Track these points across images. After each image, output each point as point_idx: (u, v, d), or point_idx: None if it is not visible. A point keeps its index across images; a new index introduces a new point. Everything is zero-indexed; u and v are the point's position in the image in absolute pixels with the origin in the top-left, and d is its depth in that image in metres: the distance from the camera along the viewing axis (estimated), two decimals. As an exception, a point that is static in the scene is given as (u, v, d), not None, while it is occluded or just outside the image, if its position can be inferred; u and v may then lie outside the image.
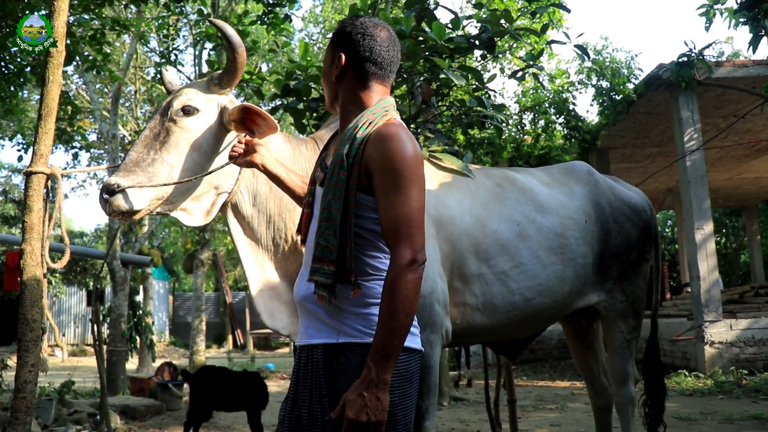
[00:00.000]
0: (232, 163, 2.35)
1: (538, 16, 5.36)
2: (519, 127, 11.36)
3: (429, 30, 3.57)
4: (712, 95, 10.11)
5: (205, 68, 12.10)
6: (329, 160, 1.91)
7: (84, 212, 65.95)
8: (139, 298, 12.37)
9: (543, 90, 11.03)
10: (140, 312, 10.34)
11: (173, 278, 27.68)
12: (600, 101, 10.66)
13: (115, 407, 6.87)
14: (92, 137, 15.92)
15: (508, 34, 3.78)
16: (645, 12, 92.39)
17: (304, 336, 1.89)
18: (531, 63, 4.27)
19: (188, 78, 14.39)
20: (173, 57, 10.76)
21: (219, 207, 2.51)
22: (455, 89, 4.29)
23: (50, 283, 17.56)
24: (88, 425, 6.26)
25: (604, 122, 10.69)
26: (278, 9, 8.03)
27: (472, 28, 4.30)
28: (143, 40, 12.42)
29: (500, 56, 9.94)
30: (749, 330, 9.04)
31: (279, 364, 14.35)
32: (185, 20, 12.81)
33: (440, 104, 4.16)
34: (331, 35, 2.00)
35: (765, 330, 9.06)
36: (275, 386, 10.34)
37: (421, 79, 3.77)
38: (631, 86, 10.40)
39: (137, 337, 10.26)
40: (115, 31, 8.26)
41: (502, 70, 10.78)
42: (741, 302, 10.07)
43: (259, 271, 2.54)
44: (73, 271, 19.75)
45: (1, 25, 6.26)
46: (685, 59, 9.09)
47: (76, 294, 22.14)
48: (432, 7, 3.91)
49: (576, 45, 4.24)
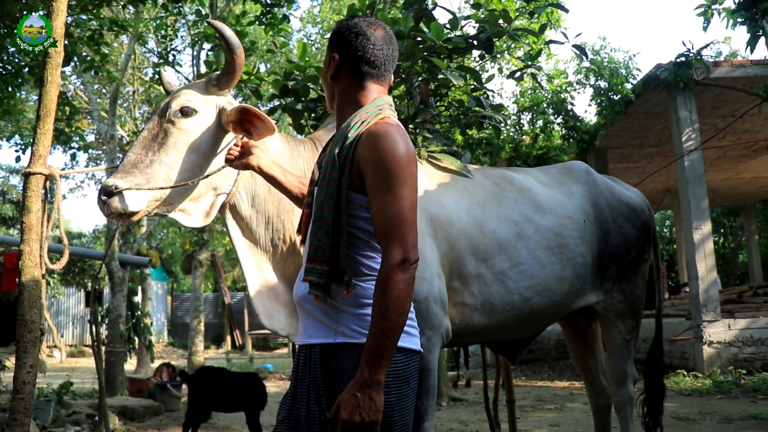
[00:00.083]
0: (229, 166, 2.35)
1: (537, 16, 5.37)
2: (517, 128, 11.37)
3: (427, 30, 3.56)
4: (710, 95, 10.12)
5: (204, 69, 12.08)
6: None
7: (82, 213, 65.88)
8: (138, 299, 12.36)
9: (541, 90, 11.05)
10: (139, 313, 10.33)
11: (172, 279, 27.65)
12: (598, 101, 10.67)
13: (114, 408, 6.87)
14: (90, 138, 15.89)
15: (507, 34, 3.77)
16: (643, 12, 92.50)
17: (303, 336, 1.89)
18: (529, 63, 4.27)
19: (186, 78, 14.39)
20: (171, 57, 10.76)
21: (218, 208, 2.51)
22: (453, 89, 4.28)
23: (48, 284, 17.52)
24: (87, 426, 6.26)
25: (603, 122, 10.70)
26: (276, 9, 8.03)
27: (471, 29, 4.30)
28: (141, 41, 12.40)
29: (498, 56, 9.94)
30: (747, 330, 9.05)
31: (277, 365, 14.35)
32: (183, 21, 12.80)
33: (438, 104, 4.15)
34: (329, 36, 2.00)
35: (763, 330, 9.07)
36: (274, 387, 10.34)
37: (420, 80, 3.77)
38: (630, 86, 10.42)
39: (136, 338, 10.26)
40: (113, 32, 8.24)
41: (501, 71, 10.78)
42: (739, 302, 10.09)
43: (258, 272, 2.54)
44: (72, 272, 19.74)
45: (-1, 26, 6.25)
46: (683, 59, 9.11)
47: (75, 295, 22.13)
48: (430, 8, 3.90)
49: (574, 45, 4.24)
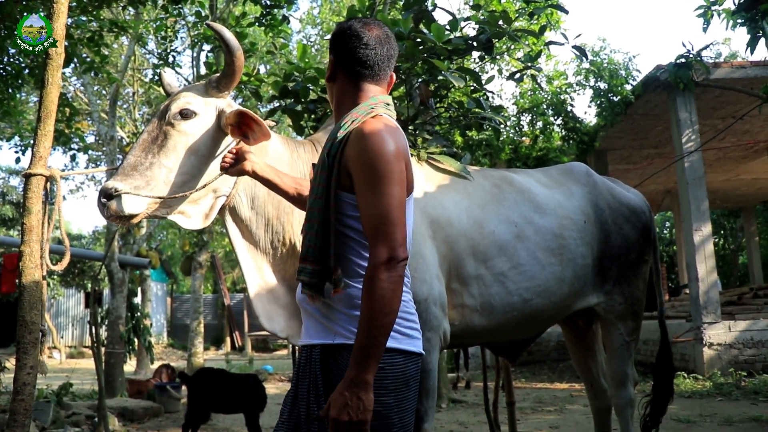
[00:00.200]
0: (224, 174, 2.34)
1: (536, 18, 5.37)
2: (517, 129, 11.37)
3: (427, 31, 3.57)
4: (710, 96, 10.12)
5: (203, 70, 12.09)
6: None
7: (82, 214, 65.83)
8: (137, 300, 12.35)
9: (541, 91, 11.04)
10: (138, 314, 10.34)
11: (171, 280, 27.64)
12: (598, 102, 10.67)
13: (113, 409, 6.87)
14: (90, 139, 15.90)
15: (506, 36, 3.78)
16: (643, 13, 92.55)
17: (305, 336, 1.90)
18: (529, 64, 4.28)
19: (186, 80, 14.40)
20: (171, 59, 10.78)
21: (217, 210, 2.51)
22: (453, 91, 4.29)
23: (48, 285, 17.51)
24: (86, 427, 6.25)
25: (602, 123, 10.70)
26: (276, 11, 8.04)
27: (470, 30, 4.31)
28: (141, 42, 12.41)
29: (498, 58, 9.94)
30: (748, 331, 9.04)
31: (277, 366, 14.34)
32: (183, 22, 12.81)
33: (438, 106, 4.15)
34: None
35: (764, 331, 9.06)
36: (273, 388, 10.34)
37: (420, 81, 3.77)
38: (629, 87, 10.42)
39: (135, 339, 10.26)
40: (113, 33, 8.26)
41: (500, 72, 10.78)
42: (740, 304, 10.07)
43: (258, 274, 2.54)
44: (71, 273, 19.72)
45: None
46: (683, 60, 9.12)
47: (74, 296, 22.13)
48: (430, 9, 3.91)
49: (574, 46, 4.24)
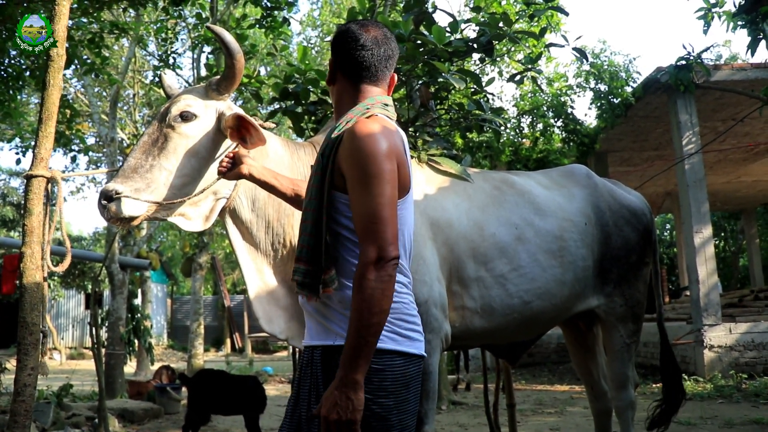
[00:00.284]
0: (222, 178, 2.35)
1: (537, 20, 5.38)
2: (517, 131, 11.38)
3: (428, 33, 3.57)
4: (711, 98, 10.12)
5: (204, 72, 12.10)
6: None
7: (82, 216, 65.87)
8: (138, 302, 12.36)
9: (541, 93, 11.05)
10: (138, 315, 10.33)
11: (171, 282, 27.66)
12: (598, 104, 10.67)
13: (114, 410, 6.86)
14: (91, 141, 15.90)
15: (507, 38, 3.78)
16: (643, 15, 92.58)
17: (307, 337, 1.91)
18: (529, 66, 4.28)
19: (187, 81, 14.41)
20: (172, 60, 10.78)
21: (218, 212, 2.51)
22: (454, 92, 4.30)
23: (49, 287, 17.51)
24: (87, 428, 6.25)
25: (603, 125, 10.70)
26: (276, 13, 8.05)
27: (471, 32, 4.31)
28: (142, 44, 12.42)
29: (499, 59, 9.95)
30: (749, 334, 9.03)
31: (277, 368, 14.34)
32: (184, 24, 12.83)
33: (439, 107, 4.16)
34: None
35: (764, 334, 9.04)
36: (273, 390, 10.34)
37: (420, 83, 3.78)
38: (630, 89, 10.42)
39: (135, 341, 10.25)
40: (114, 35, 8.26)
41: (501, 74, 10.78)
42: (740, 306, 10.05)
43: (258, 276, 2.54)
44: (72, 275, 19.74)
45: (0, 29, 6.26)
46: (684, 62, 9.12)
47: (75, 297, 22.14)
48: (430, 11, 3.91)
49: (574, 48, 4.24)
